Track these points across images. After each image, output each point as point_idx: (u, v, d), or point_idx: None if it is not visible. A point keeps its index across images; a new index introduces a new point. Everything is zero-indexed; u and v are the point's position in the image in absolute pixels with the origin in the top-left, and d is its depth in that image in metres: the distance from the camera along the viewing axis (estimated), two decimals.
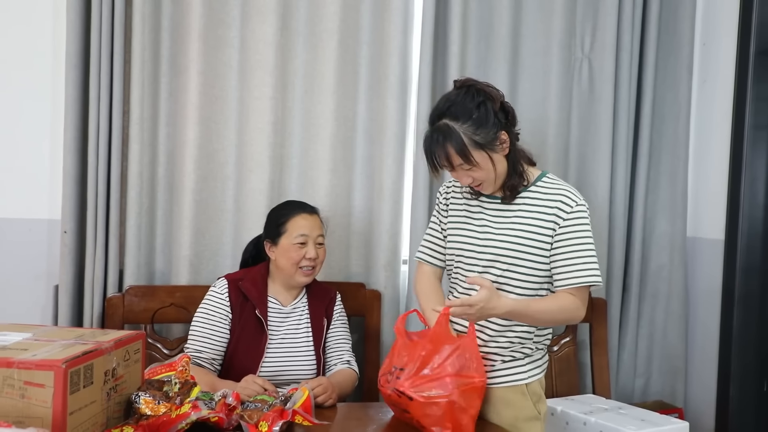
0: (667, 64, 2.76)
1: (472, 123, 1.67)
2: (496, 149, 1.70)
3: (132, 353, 1.51)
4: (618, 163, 2.67)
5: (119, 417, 1.46)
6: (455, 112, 1.68)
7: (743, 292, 2.63)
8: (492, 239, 1.77)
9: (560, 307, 1.72)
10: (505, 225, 1.77)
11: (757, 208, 2.64)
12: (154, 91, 2.38)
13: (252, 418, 1.53)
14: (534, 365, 1.83)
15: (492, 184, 1.76)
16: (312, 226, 2.11)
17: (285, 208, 2.16)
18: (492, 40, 2.60)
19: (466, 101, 1.68)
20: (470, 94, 1.70)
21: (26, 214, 2.35)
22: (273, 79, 2.44)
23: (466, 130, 1.66)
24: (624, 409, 2.23)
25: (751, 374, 2.65)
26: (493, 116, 1.68)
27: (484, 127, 1.67)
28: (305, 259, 2.08)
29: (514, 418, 1.76)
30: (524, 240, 1.74)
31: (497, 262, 1.76)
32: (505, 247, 1.75)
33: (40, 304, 2.35)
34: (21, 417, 1.23)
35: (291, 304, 2.15)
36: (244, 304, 2.08)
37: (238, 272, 2.19)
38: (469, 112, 1.67)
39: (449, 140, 1.66)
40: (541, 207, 1.76)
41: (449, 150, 1.67)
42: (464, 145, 1.66)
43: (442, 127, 1.68)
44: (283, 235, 2.09)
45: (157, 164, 2.40)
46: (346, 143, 2.52)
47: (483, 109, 1.68)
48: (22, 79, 2.33)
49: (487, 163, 1.70)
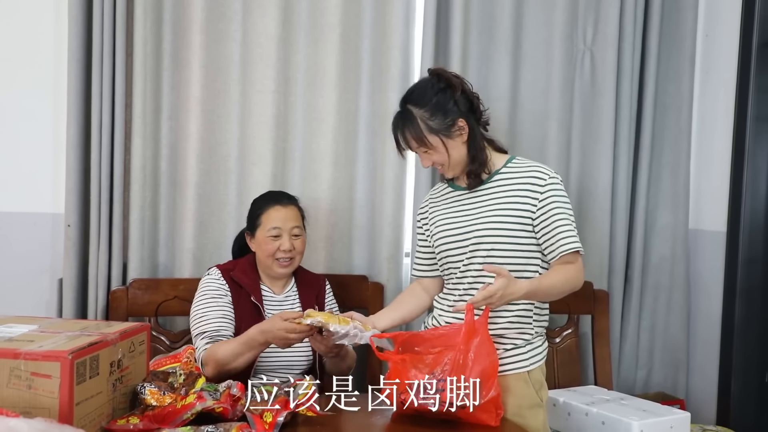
0: (669, 55, 2.76)
1: (428, 108, 1.77)
2: (452, 135, 1.79)
3: (137, 345, 1.52)
4: (620, 154, 2.67)
5: (125, 408, 1.47)
6: (416, 97, 1.80)
7: (745, 284, 2.64)
8: (471, 223, 1.82)
9: (566, 278, 1.78)
10: (482, 208, 1.83)
11: (759, 200, 2.65)
12: (156, 84, 2.38)
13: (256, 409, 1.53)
14: (535, 352, 1.85)
15: (450, 168, 1.84)
16: (286, 218, 2.11)
17: (261, 200, 2.17)
18: (494, 32, 2.60)
19: (427, 88, 1.80)
20: (432, 82, 1.80)
21: (30, 208, 2.36)
22: (275, 73, 2.44)
23: (422, 114, 1.77)
24: (626, 400, 2.24)
25: (752, 366, 2.66)
26: (452, 103, 1.78)
27: (440, 114, 1.77)
28: (280, 251, 2.08)
29: (518, 407, 1.77)
30: (503, 218, 1.79)
31: (480, 245, 1.79)
32: (485, 228, 1.80)
33: (45, 298, 2.36)
34: (28, 407, 1.24)
35: (283, 293, 2.17)
36: (239, 292, 2.09)
37: (227, 263, 2.19)
38: (427, 98, 1.78)
39: (407, 124, 1.79)
40: (515, 185, 1.82)
41: (407, 133, 1.80)
42: (420, 130, 1.77)
43: (404, 111, 1.81)
44: (259, 227, 2.10)
45: (159, 158, 2.41)
46: (348, 136, 2.52)
47: (441, 95, 1.78)
48: (24, 73, 2.34)
49: (441, 148, 1.79)
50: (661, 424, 2.07)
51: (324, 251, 2.52)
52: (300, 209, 2.18)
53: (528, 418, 1.78)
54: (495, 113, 2.59)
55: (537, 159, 1.94)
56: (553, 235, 1.78)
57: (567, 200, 1.82)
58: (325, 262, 2.52)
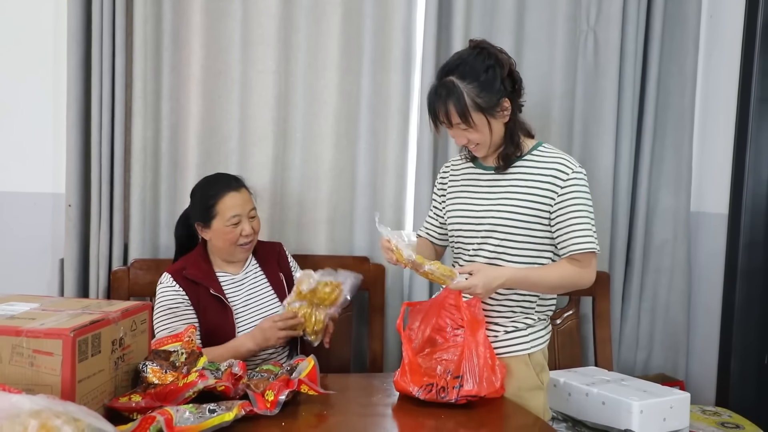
0: (673, 36, 2.74)
1: (478, 85, 1.67)
2: (496, 115, 1.72)
3: (139, 323, 1.53)
4: (622, 136, 2.66)
5: (127, 386, 1.48)
6: (463, 71, 1.69)
7: (746, 267, 2.64)
8: (489, 209, 1.79)
9: (560, 275, 1.74)
10: (502, 195, 1.79)
11: (761, 183, 2.64)
12: (156, 64, 2.37)
13: (258, 387, 1.54)
14: (536, 335, 1.85)
15: (486, 148, 1.78)
16: (243, 203, 2.05)
17: (211, 188, 2.07)
18: (496, 13, 2.58)
19: (476, 62, 1.69)
20: (482, 57, 1.70)
21: (31, 188, 2.36)
22: (276, 53, 2.43)
23: (470, 90, 1.67)
24: (626, 381, 2.25)
25: (752, 348, 2.67)
26: (500, 82, 1.69)
27: (488, 91, 1.68)
28: (242, 236, 2.04)
29: (518, 388, 1.78)
30: (521, 209, 1.76)
31: (495, 232, 1.77)
32: (501, 217, 1.77)
33: (46, 278, 2.36)
34: (30, 384, 1.24)
35: (242, 271, 2.14)
36: (197, 290, 2.04)
37: (177, 263, 2.12)
38: (476, 73, 1.68)
39: (451, 97, 1.68)
40: (537, 175, 1.77)
41: (450, 107, 1.69)
42: (465, 106, 1.67)
43: (447, 84, 1.69)
44: (215, 218, 2.03)
45: (160, 138, 2.40)
46: (349, 117, 2.51)
47: (491, 72, 1.68)
48: (24, 53, 2.33)
49: (484, 127, 1.72)
50: (661, 404, 2.08)
51: (325, 232, 2.52)
52: (248, 189, 2.11)
53: (528, 399, 1.78)
54: None
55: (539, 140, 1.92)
56: (568, 233, 1.74)
57: (588, 197, 1.76)
58: (326, 243, 2.52)
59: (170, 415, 1.29)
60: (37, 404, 1.09)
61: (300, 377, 1.58)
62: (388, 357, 2.52)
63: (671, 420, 2.10)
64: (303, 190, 2.51)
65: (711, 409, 2.51)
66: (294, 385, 1.55)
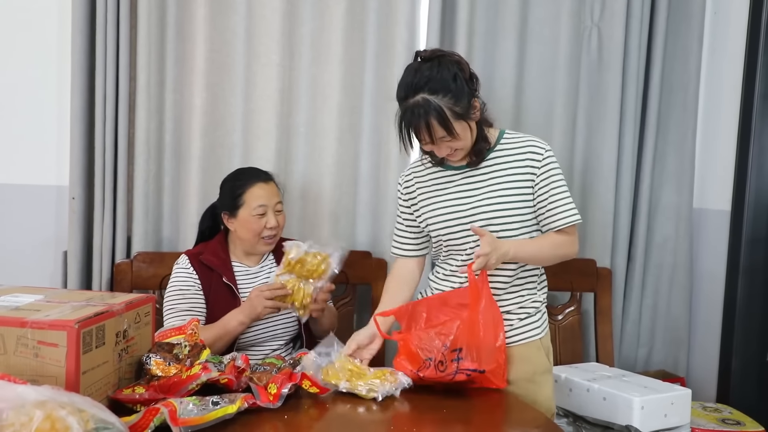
0: (677, 33, 2.73)
1: (451, 96, 1.66)
2: (471, 117, 1.72)
3: (142, 316, 1.53)
4: (625, 132, 2.66)
5: (130, 378, 1.48)
6: (433, 86, 1.66)
7: (748, 264, 2.64)
8: (476, 206, 1.79)
9: (552, 243, 1.79)
10: (484, 189, 1.80)
11: (764, 180, 2.64)
12: (160, 57, 2.37)
13: (261, 380, 1.55)
14: (544, 318, 1.88)
15: (465, 152, 1.78)
16: (270, 195, 2.07)
17: (240, 179, 2.10)
18: (500, 8, 2.58)
19: (442, 74, 1.67)
20: (444, 67, 1.68)
21: (34, 180, 2.36)
22: (280, 47, 2.43)
23: (447, 102, 1.66)
24: (627, 377, 2.26)
25: (753, 345, 2.68)
26: (466, 86, 1.70)
27: (461, 98, 1.68)
28: (266, 228, 2.05)
29: (532, 373, 1.80)
30: (507, 197, 1.77)
31: (491, 225, 1.77)
32: (492, 210, 1.77)
33: (49, 270, 2.37)
34: (35, 376, 1.25)
35: (258, 265, 2.14)
36: (210, 276, 2.05)
37: (197, 247, 2.15)
38: (447, 85, 1.66)
39: (432, 114, 1.65)
40: (513, 162, 1.79)
41: (432, 123, 1.66)
42: (447, 118, 1.66)
43: (421, 103, 1.66)
44: (242, 207, 2.04)
45: (164, 131, 2.40)
46: (353, 111, 2.51)
47: (458, 79, 1.68)
48: (28, 45, 2.33)
49: (466, 133, 1.72)
50: (661, 400, 2.09)
51: (328, 227, 2.53)
52: (277, 184, 2.13)
53: (541, 383, 1.82)
54: (501, 89, 2.60)
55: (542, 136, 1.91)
56: (552, 209, 1.78)
57: (561, 174, 1.81)
58: (328, 237, 2.52)
59: (174, 407, 1.29)
60: (42, 395, 1.09)
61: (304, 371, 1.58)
62: (389, 351, 2.52)
63: (672, 416, 2.11)
64: (306, 184, 2.51)
65: (712, 405, 2.52)
66: (297, 378, 1.55)
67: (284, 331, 2.10)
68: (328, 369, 1.65)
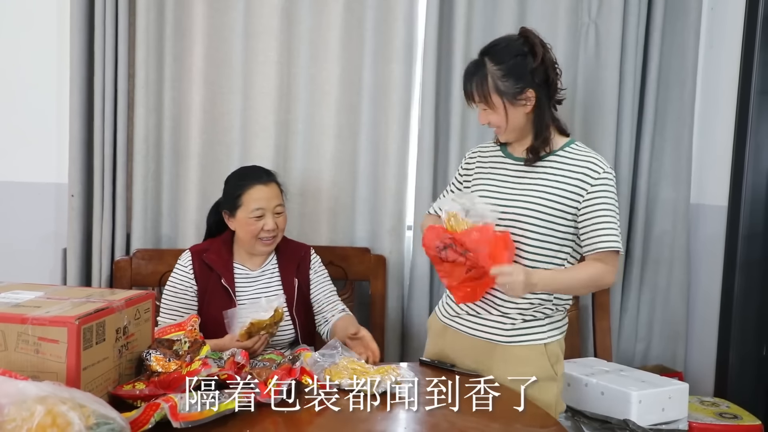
0: (674, 29, 2.74)
1: (503, 68, 1.71)
2: (515, 102, 1.73)
3: (142, 312, 1.54)
4: (623, 128, 2.67)
5: (131, 374, 1.49)
6: (494, 52, 1.73)
7: (745, 258, 2.65)
8: (514, 199, 1.78)
9: (589, 275, 1.75)
10: (529, 187, 1.78)
11: (760, 175, 2.65)
12: (158, 54, 2.37)
13: (261, 376, 1.55)
14: (554, 326, 1.85)
15: (505, 134, 1.80)
16: (269, 197, 2.04)
17: (241, 179, 2.08)
18: (498, 4, 2.58)
19: (509, 47, 1.73)
20: (517, 43, 1.74)
21: (34, 178, 2.37)
22: (278, 44, 2.43)
23: (495, 72, 1.71)
24: (625, 371, 2.27)
25: (750, 339, 2.69)
26: (528, 72, 1.71)
27: (512, 78, 1.71)
28: (264, 231, 2.03)
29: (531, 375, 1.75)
30: (546, 204, 1.75)
31: (518, 222, 1.76)
32: (527, 209, 1.76)
33: (49, 267, 2.38)
34: (36, 372, 1.26)
35: (260, 268, 2.12)
36: (209, 275, 2.05)
37: (203, 243, 2.15)
38: (506, 57, 1.72)
39: (478, 76, 1.73)
40: (567, 172, 1.76)
41: (473, 85, 1.74)
42: (487, 86, 1.72)
43: (477, 62, 1.76)
44: (240, 208, 2.02)
45: (162, 128, 2.41)
46: (351, 108, 2.52)
47: (521, 60, 1.71)
48: (27, 43, 2.34)
49: (501, 111, 1.74)
50: (659, 394, 2.10)
51: (326, 223, 2.53)
52: (279, 184, 2.11)
53: (539, 390, 1.76)
54: None
55: None
56: (594, 230, 1.73)
57: (615, 197, 1.77)
58: (327, 234, 2.53)
59: (175, 402, 1.30)
60: (43, 390, 1.10)
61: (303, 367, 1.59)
62: (389, 347, 2.54)
63: (669, 410, 2.12)
64: (304, 181, 2.52)
65: (709, 399, 2.53)
66: (296, 373, 1.56)
67: (279, 341, 2.08)
68: (332, 369, 1.66)
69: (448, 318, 1.93)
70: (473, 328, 1.86)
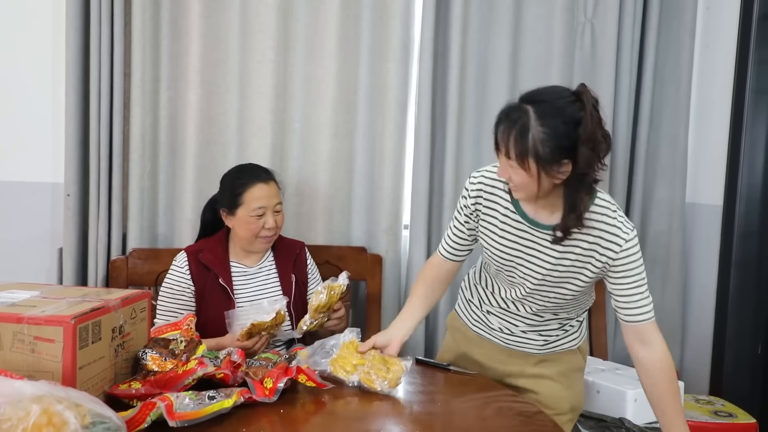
0: (669, 28, 2.75)
1: (548, 131, 1.44)
2: (550, 171, 1.48)
3: (138, 311, 1.54)
4: (619, 127, 2.68)
5: (127, 373, 1.49)
6: (542, 108, 1.46)
7: (740, 258, 2.66)
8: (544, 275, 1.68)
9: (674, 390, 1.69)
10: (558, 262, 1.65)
11: (756, 174, 2.66)
12: (154, 53, 2.37)
13: (257, 375, 1.56)
14: (582, 328, 1.93)
15: (524, 195, 1.58)
16: (269, 195, 2.04)
17: (240, 177, 2.07)
18: (494, 4, 2.59)
19: (559, 109, 1.46)
20: (570, 107, 1.46)
21: (30, 177, 2.37)
22: (274, 43, 2.43)
23: (538, 131, 1.45)
24: (620, 370, 2.27)
25: (745, 338, 2.69)
26: (573, 142, 1.44)
27: (552, 142, 1.44)
28: (264, 229, 2.04)
29: (568, 369, 1.87)
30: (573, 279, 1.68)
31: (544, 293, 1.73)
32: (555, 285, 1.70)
33: (45, 267, 2.37)
34: (32, 371, 1.26)
35: (257, 265, 2.13)
36: (206, 275, 2.05)
37: (197, 243, 2.14)
38: (551, 119, 1.45)
39: (520, 131, 1.46)
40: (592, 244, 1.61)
41: (511, 139, 1.48)
42: (526, 142, 1.45)
43: (521, 110, 1.48)
44: (240, 206, 2.02)
45: (158, 128, 2.41)
46: (347, 107, 2.52)
47: (568, 128, 1.44)
48: (22, 42, 2.33)
49: (533, 176, 1.49)
50: None
51: (323, 223, 2.53)
52: (277, 182, 2.10)
53: (575, 379, 1.89)
54: (495, 85, 2.61)
55: None
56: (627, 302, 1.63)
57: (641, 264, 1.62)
58: (323, 233, 2.53)
59: (171, 401, 1.30)
60: (39, 390, 1.10)
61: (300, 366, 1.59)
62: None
63: None
64: (301, 180, 2.52)
65: (704, 398, 2.53)
66: (292, 372, 1.56)
67: (277, 339, 2.09)
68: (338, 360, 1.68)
69: (478, 328, 1.93)
70: (507, 342, 1.87)
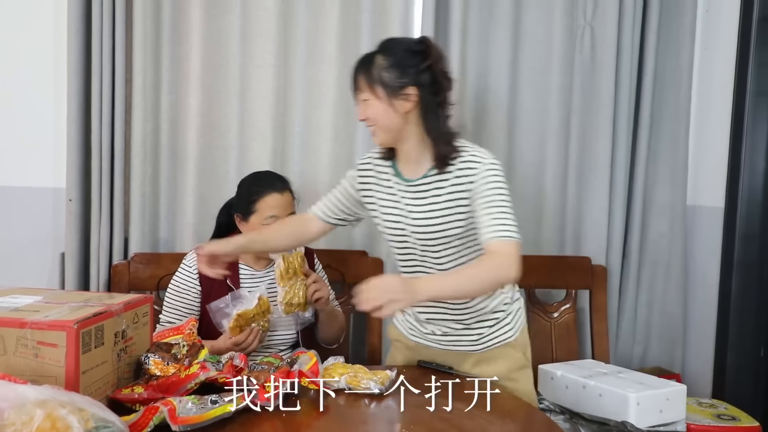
0: (669, 30, 2.75)
1: (389, 60, 1.66)
2: (396, 96, 1.65)
3: (141, 316, 1.54)
4: (619, 130, 2.68)
5: (129, 377, 1.49)
6: (386, 47, 1.70)
7: (742, 260, 2.65)
8: (429, 223, 1.72)
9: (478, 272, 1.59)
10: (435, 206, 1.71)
11: (757, 176, 2.65)
12: (156, 58, 2.38)
13: (259, 379, 1.55)
14: (515, 318, 1.88)
15: (378, 132, 1.71)
16: (283, 206, 2.04)
17: (257, 185, 2.08)
18: (494, 7, 2.60)
19: (402, 43, 1.72)
20: (411, 42, 1.73)
21: (31, 182, 2.37)
22: (275, 47, 2.44)
23: (382, 63, 1.66)
24: (623, 373, 2.27)
25: (748, 341, 2.69)
26: (414, 69, 1.65)
27: (397, 70, 1.65)
28: None
29: (508, 370, 1.82)
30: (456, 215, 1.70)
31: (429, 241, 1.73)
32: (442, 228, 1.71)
33: (47, 271, 2.38)
34: (35, 376, 1.25)
35: (266, 269, 2.13)
36: None
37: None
38: (395, 51, 1.68)
39: (365, 66, 1.69)
40: (459, 177, 1.68)
41: (360, 73, 1.70)
42: (372, 75, 1.67)
43: (369, 54, 1.72)
44: (254, 214, 2.03)
45: (160, 132, 2.41)
46: (348, 111, 2.52)
47: (409, 56, 1.66)
48: (24, 47, 2.34)
49: (379, 104, 1.66)
50: (657, 396, 2.10)
51: None
52: (292, 192, 2.11)
53: (519, 380, 1.83)
54: (494, 88, 2.61)
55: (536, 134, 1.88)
56: (489, 221, 1.61)
57: (501, 185, 1.65)
58: (324, 237, 2.52)
59: (173, 406, 1.30)
60: (43, 394, 1.10)
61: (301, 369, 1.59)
62: (386, 350, 2.53)
63: (667, 412, 2.12)
64: (302, 184, 2.51)
65: (707, 401, 2.53)
66: (294, 376, 1.56)
67: (281, 342, 2.10)
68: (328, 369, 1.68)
69: (414, 335, 1.94)
70: (443, 344, 1.88)
